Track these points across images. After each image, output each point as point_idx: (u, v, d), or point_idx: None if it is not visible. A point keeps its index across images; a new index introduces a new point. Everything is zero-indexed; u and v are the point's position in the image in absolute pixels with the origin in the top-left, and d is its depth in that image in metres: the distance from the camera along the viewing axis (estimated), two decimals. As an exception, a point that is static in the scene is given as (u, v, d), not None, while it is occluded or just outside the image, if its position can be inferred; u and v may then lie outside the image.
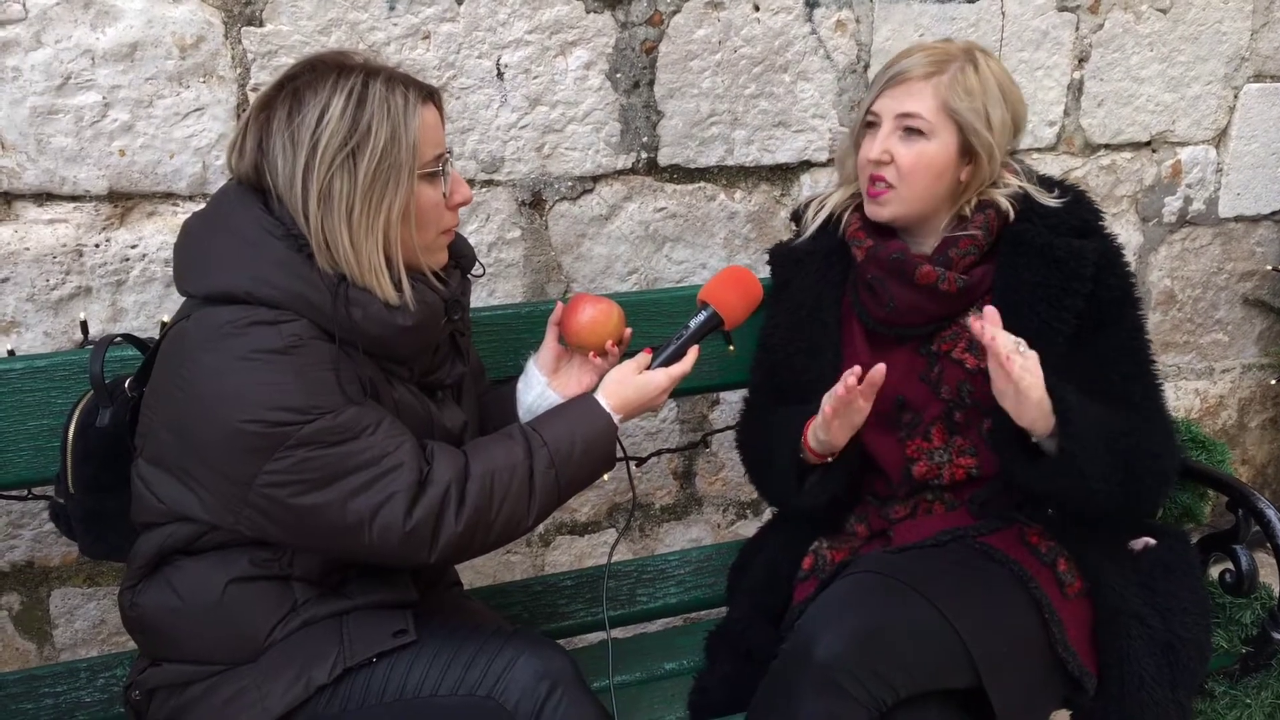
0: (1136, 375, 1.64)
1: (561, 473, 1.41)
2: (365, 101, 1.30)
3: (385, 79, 1.33)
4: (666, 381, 1.53)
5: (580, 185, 2.17)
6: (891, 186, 1.65)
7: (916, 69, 1.62)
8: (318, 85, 1.30)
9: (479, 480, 1.36)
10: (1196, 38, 2.64)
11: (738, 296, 1.62)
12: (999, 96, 1.63)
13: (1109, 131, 2.63)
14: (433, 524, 1.32)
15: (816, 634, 1.45)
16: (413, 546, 1.32)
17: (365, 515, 1.30)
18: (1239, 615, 1.78)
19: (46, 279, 1.84)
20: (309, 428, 1.26)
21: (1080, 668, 1.54)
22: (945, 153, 1.62)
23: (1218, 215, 2.85)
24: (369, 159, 1.30)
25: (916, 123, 1.61)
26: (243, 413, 1.25)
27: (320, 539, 1.34)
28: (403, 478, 1.31)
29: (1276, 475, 3.23)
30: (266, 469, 1.27)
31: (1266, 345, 3.05)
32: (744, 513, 2.55)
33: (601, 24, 2.08)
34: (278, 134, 1.30)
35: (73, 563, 2.01)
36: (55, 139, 1.78)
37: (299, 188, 1.30)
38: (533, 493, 1.39)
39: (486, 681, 1.32)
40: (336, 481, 1.29)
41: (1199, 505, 1.89)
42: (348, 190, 1.30)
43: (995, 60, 1.66)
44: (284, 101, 1.31)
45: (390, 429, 1.34)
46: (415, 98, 1.34)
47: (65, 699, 1.68)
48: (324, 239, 1.31)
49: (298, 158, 1.29)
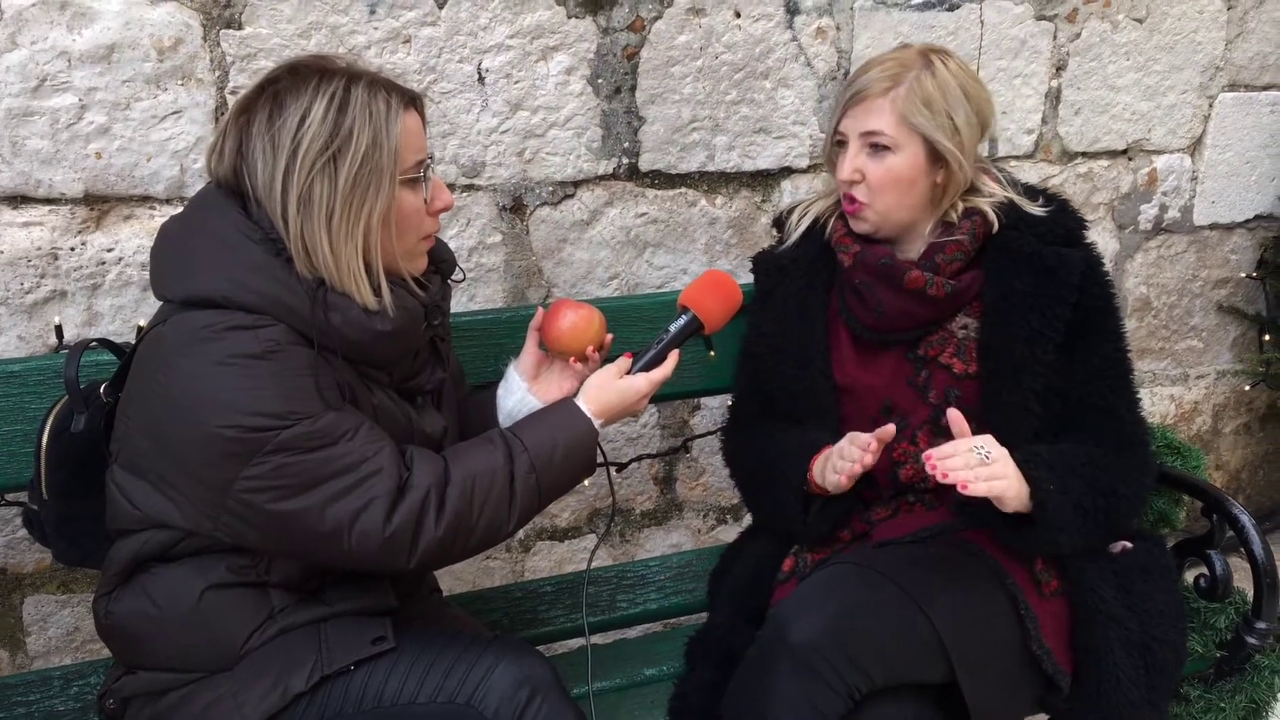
0: (1122, 387, 1.66)
1: (543, 477, 1.41)
2: (347, 106, 1.29)
3: (368, 84, 1.32)
4: (647, 386, 1.53)
5: (561, 190, 2.17)
6: (863, 202, 1.66)
7: (874, 85, 1.62)
8: (299, 89, 1.29)
9: (459, 485, 1.35)
10: (1172, 47, 2.67)
11: (717, 301, 1.62)
12: (960, 98, 1.63)
13: (1086, 140, 2.66)
14: (412, 529, 1.32)
15: (792, 619, 1.45)
16: (392, 552, 1.32)
17: (344, 521, 1.29)
18: (1213, 620, 1.79)
19: (21, 282, 1.82)
20: (286, 433, 1.25)
21: (1055, 665, 1.55)
22: (913, 164, 1.63)
23: (1193, 223, 2.88)
24: (350, 164, 1.29)
25: (880, 139, 1.62)
26: (220, 418, 1.24)
27: (299, 544, 1.32)
28: (382, 483, 1.30)
29: (1251, 480, 3.26)
30: (244, 474, 1.26)
31: (1240, 351, 3.08)
32: (724, 518, 2.55)
33: (583, 29, 2.08)
34: (258, 137, 1.29)
35: (46, 570, 1.99)
36: (30, 141, 1.76)
37: (278, 192, 1.29)
38: (514, 497, 1.39)
39: (466, 689, 1.31)
40: (315, 487, 1.28)
41: (1174, 511, 1.90)
42: (328, 195, 1.29)
43: (954, 59, 1.66)
44: (265, 104, 1.30)
45: (369, 434, 1.33)
46: (398, 103, 1.33)
47: (38, 707, 1.66)
48: (303, 243, 1.30)
49: (278, 161, 1.28)
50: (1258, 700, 1.76)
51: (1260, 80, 2.83)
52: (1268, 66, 2.82)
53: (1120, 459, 1.61)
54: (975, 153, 1.69)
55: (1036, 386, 1.60)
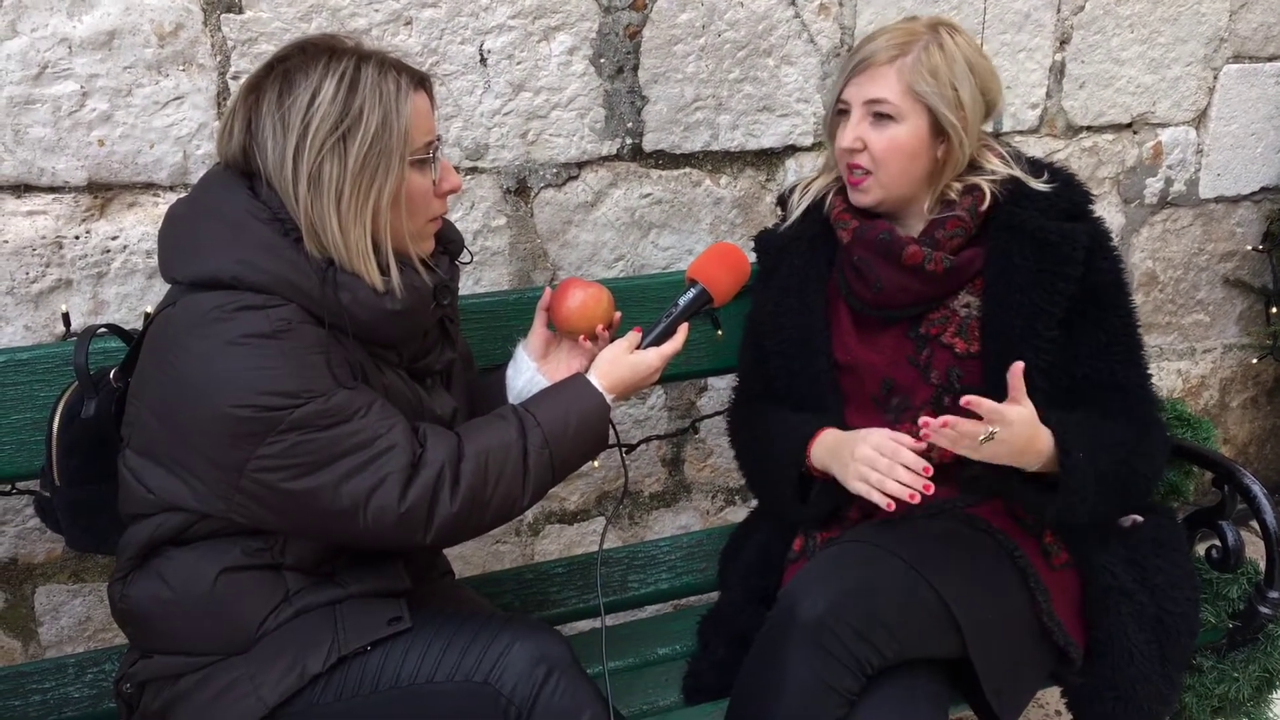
0: (1133, 361, 1.64)
1: (555, 452, 1.41)
2: (357, 86, 1.28)
3: (378, 63, 1.31)
4: (658, 361, 1.53)
5: (565, 172, 2.16)
6: (869, 173, 1.65)
7: (881, 53, 1.61)
8: (309, 68, 1.29)
9: (473, 460, 1.35)
10: (1176, 19, 2.66)
11: (726, 273, 1.61)
12: (966, 72, 1.62)
13: (1090, 113, 2.65)
14: (428, 505, 1.32)
15: (801, 597, 1.45)
16: (408, 528, 1.32)
17: (360, 498, 1.29)
18: (1225, 590, 1.79)
19: (26, 272, 1.81)
20: (299, 411, 1.25)
21: (1065, 637, 1.55)
22: (917, 135, 1.62)
23: (1198, 196, 2.87)
24: (360, 144, 1.28)
25: (884, 108, 1.61)
26: (233, 398, 1.24)
27: (315, 523, 1.32)
28: (396, 459, 1.30)
29: (1258, 454, 3.26)
30: (258, 454, 1.26)
31: (1247, 325, 3.07)
32: (732, 498, 2.55)
33: (585, 8, 2.07)
34: (267, 116, 1.29)
35: (57, 559, 1.99)
36: (33, 129, 1.75)
37: (289, 171, 1.29)
38: (527, 472, 1.39)
39: (483, 667, 1.31)
40: (330, 465, 1.28)
41: (1185, 482, 1.91)
42: (337, 175, 1.28)
43: (963, 35, 1.65)
44: (274, 83, 1.29)
45: (382, 411, 1.33)
46: (407, 83, 1.33)
47: (53, 695, 1.66)
48: (312, 223, 1.30)
49: (288, 141, 1.28)
50: (1271, 669, 1.76)
51: (1265, 51, 2.81)
52: (1272, 37, 2.80)
53: (1142, 437, 1.60)
54: (978, 131, 1.67)
55: (1040, 363, 1.59)
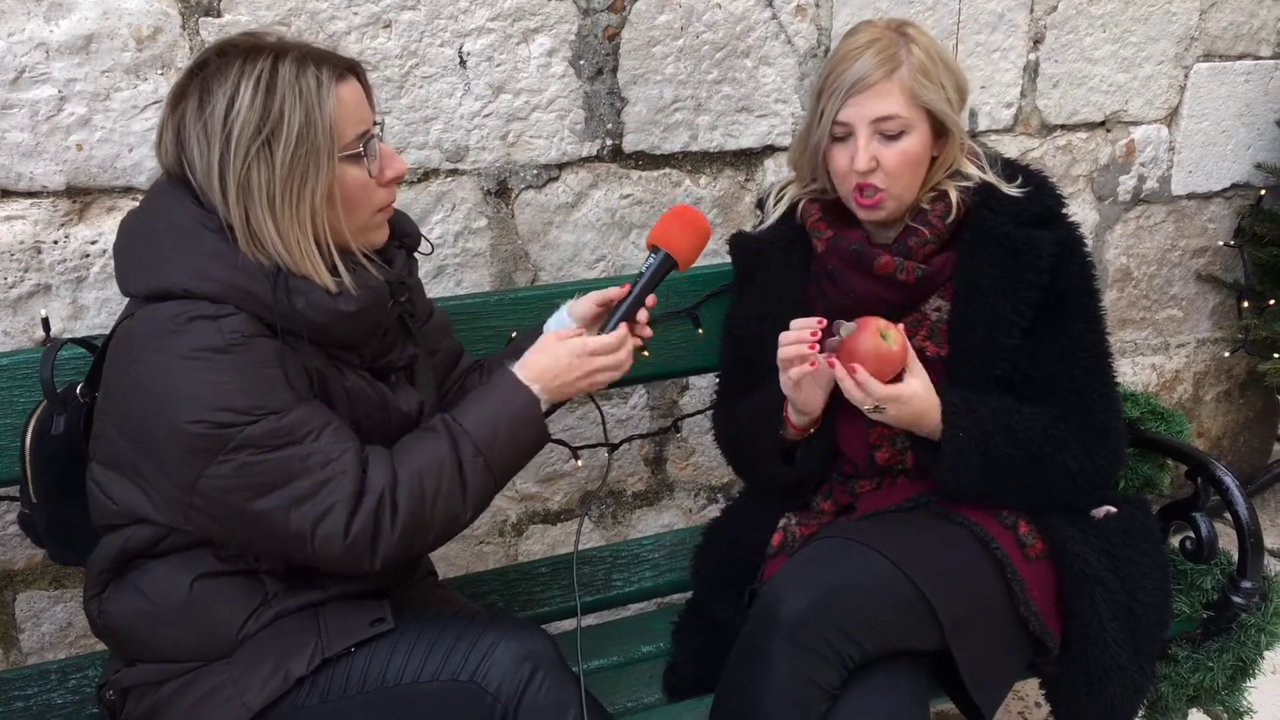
0: (1097, 370, 1.65)
1: (490, 458, 1.37)
2: (275, 86, 1.25)
3: (295, 59, 1.27)
4: (596, 344, 1.45)
5: (546, 173, 2.17)
6: (881, 190, 1.63)
7: (875, 71, 1.59)
8: (225, 72, 1.26)
9: (407, 484, 1.32)
10: (1147, 18, 2.69)
11: (686, 235, 1.56)
12: (943, 66, 1.63)
13: (1064, 112, 2.68)
14: (370, 534, 1.30)
15: (781, 595, 1.46)
16: (354, 557, 1.30)
17: (307, 527, 1.28)
18: (1200, 581, 1.82)
19: (4, 277, 1.80)
20: (250, 429, 1.24)
21: (1042, 626, 1.57)
22: (923, 142, 1.63)
23: (1171, 193, 2.91)
24: (284, 146, 1.25)
25: (894, 124, 1.59)
26: (187, 413, 1.23)
27: (269, 544, 1.32)
28: (343, 487, 1.28)
29: (1232, 447, 3.30)
30: (208, 472, 1.25)
31: (1220, 319, 3.12)
32: (715, 497, 2.56)
33: (564, 10, 2.08)
34: (191, 126, 1.27)
35: (38, 566, 1.98)
36: (10, 134, 1.74)
37: (216, 181, 1.26)
38: (465, 484, 1.36)
39: (468, 666, 1.32)
40: (279, 488, 1.27)
41: (1159, 475, 1.93)
42: (266, 180, 1.26)
43: (921, 31, 1.65)
44: (194, 91, 1.27)
45: (335, 435, 1.31)
46: (329, 76, 1.28)
47: (36, 701, 1.66)
48: (250, 231, 1.27)
49: (212, 150, 1.26)
50: (1245, 659, 1.79)
51: (1234, 50, 2.85)
52: (1241, 36, 2.84)
53: (1079, 434, 1.61)
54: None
55: (996, 371, 1.60)
